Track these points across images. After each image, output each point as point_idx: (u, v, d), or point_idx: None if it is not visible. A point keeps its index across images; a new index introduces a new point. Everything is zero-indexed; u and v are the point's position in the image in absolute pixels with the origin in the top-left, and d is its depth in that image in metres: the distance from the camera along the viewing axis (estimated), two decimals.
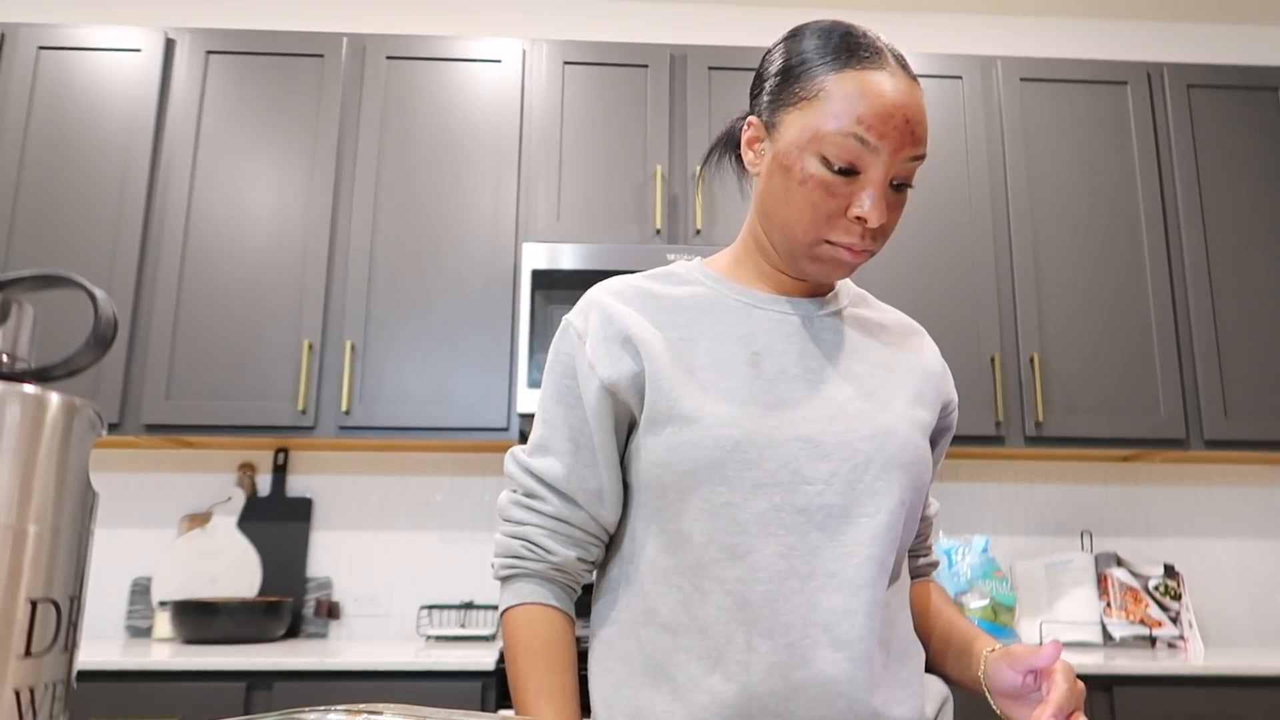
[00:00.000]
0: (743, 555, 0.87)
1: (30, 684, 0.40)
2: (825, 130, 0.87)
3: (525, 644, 0.93)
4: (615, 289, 0.99)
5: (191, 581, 2.60)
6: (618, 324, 0.95)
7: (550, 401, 0.98)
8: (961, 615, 1.02)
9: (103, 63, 2.59)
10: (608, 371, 0.94)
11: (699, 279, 1.00)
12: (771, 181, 0.93)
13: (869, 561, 0.88)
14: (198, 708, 2.01)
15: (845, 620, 0.86)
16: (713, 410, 0.89)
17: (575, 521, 0.96)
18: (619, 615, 0.95)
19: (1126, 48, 3.26)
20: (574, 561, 0.96)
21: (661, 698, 0.88)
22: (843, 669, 0.85)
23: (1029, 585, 2.65)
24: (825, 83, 0.89)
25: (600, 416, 0.94)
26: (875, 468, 0.90)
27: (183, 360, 2.43)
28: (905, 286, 2.60)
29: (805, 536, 0.88)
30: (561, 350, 0.98)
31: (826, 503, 0.88)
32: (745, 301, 0.98)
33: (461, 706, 2.05)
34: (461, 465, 2.77)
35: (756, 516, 0.88)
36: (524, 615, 0.95)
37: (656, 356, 0.93)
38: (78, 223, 2.49)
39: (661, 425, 0.91)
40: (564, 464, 0.96)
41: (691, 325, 0.96)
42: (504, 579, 0.97)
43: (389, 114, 2.62)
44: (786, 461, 0.88)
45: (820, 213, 0.89)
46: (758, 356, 0.93)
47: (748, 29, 3.19)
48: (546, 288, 2.45)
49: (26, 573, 0.40)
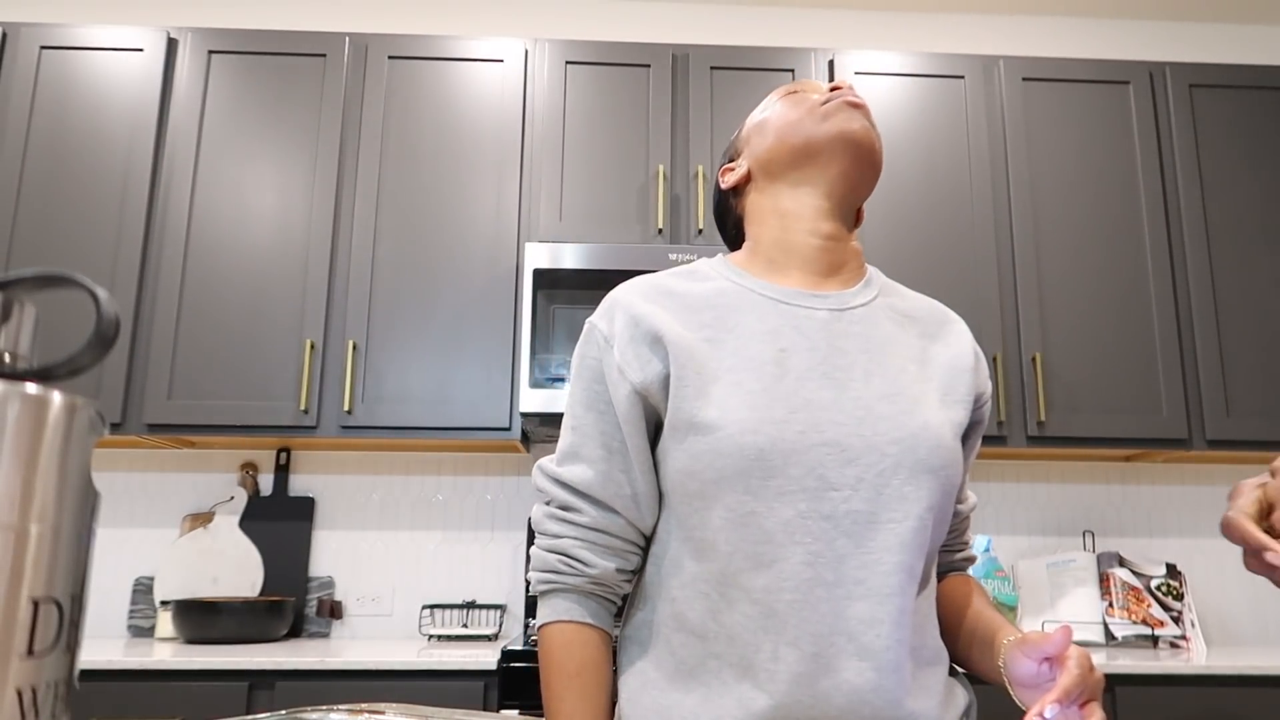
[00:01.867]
0: (769, 564, 0.86)
1: (32, 683, 0.40)
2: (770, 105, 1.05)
3: (560, 665, 0.92)
4: (639, 289, 0.98)
5: (193, 581, 2.60)
6: (645, 324, 0.94)
7: (580, 408, 0.96)
8: (992, 608, 0.99)
9: (105, 62, 2.60)
10: (638, 375, 0.92)
11: (723, 274, 0.99)
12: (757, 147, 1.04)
13: (897, 569, 0.86)
14: (200, 707, 2.01)
15: (872, 629, 0.84)
16: (736, 417, 0.88)
17: (613, 530, 0.94)
18: (650, 616, 0.94)
19: (1129, 47, 3.26)
20: (612, 573, 0.94)
21: (691, 701, 0.87)
22: (869, 678, 0.84)
23: (1031, 585, 2.65)
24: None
25: (632, 421, 0.93)
26: (904, 472, 0.88)
27: (185, 360, 2.43)
28: (907, 286, 2.60)
29: (832, 544, 0.86)
30: (588, 355, 0.97)
31: (853, 509, 0.86)
32: (771, 296, 0.96)
33: (464, 706, 2.05)
34: (464, 465, 2.77)
35: (782, 525, 0.86)
36: (560, 634, 0.93)
37: (684, 360, 0.91)
38: (80, 222, 2.49)
39: (684, 433, 0.90)
40: (597, 470, 0.94)
41: (718, 324, 0.94)
42: (542, 594, 0.96)
43: (391, 114, 2.62)
44: (812, 468, 0.87)
45: (803, 105, 1.01)
46: (784, 354, 0.91)
47: (750, 29, 3.19)
48: (549, 287, 2.45)
49: (28, 572, 0.40)
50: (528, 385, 2.39)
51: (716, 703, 0.86)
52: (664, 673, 0.90)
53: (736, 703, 0.85)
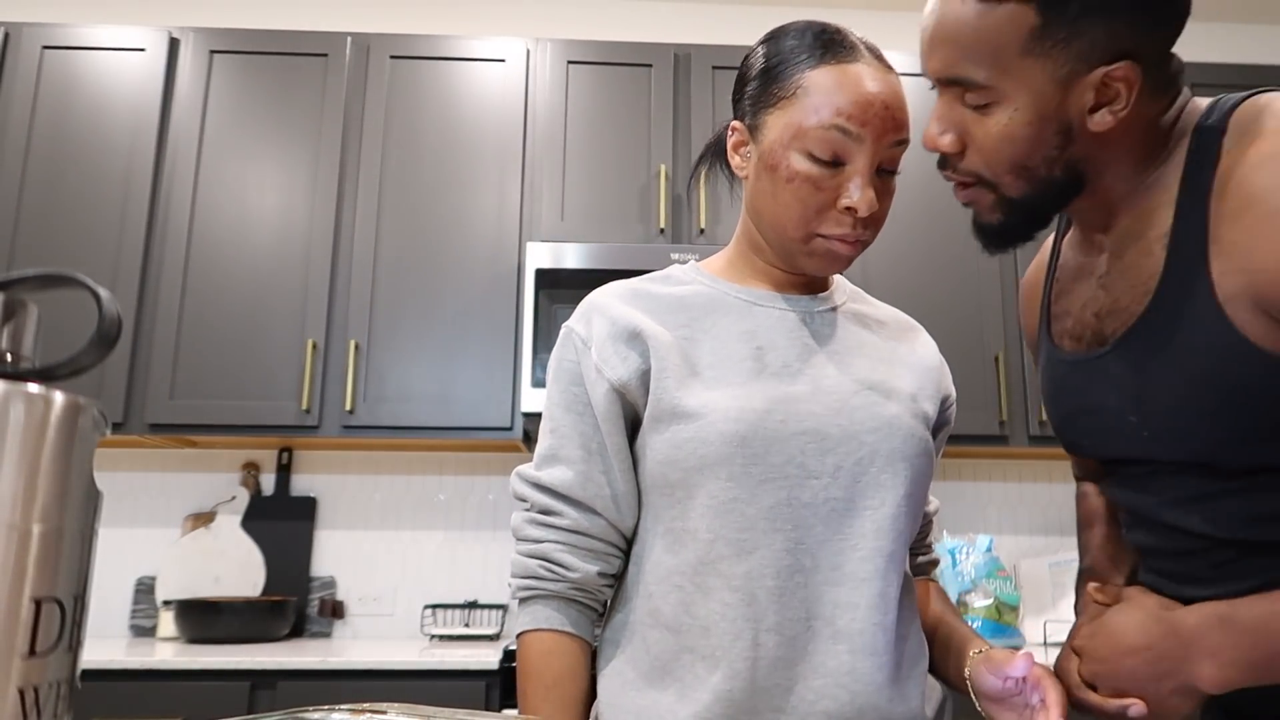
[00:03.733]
0: (750, 551, 0.87)
1: (34, 683, 0.40)
2: (807, 125, 0.89)
3: (537, 675, 0.91)
4: (615, 291, 0.99)
5: (195, 581, 2.60)
6: (623, 322, 0.95)
7: (558, 410, 0.96)
8: (957, 615, 1.02)
9: (107, 62, 2.60)
10: (617, 371, 0.93)
11: (696, 279, 1.01)
12: (759, 182, 0.94)
13: (875, 554, 0.88)
14: (201, 707, 2.02)
15: (847, 613, 0.87)
16: (718, 406, 0.89)
17: (594, 532, 0.94)
18: (626, 617, 0.94)
19: None
20: (594, 577, 0.94)
21: (667, 698, 0.88)
22: (843, 661, 0.85)
23: (1033, 584, 2.65)
24: (803, 80, 0.90)
25: (611, 419, 0.94)
26: (880, 460, 0.90)
27: (187, 359, 2.44)
28: (909, 286, 2.60)
29: (811, 530, 0.88)
30: (565, 358, 0.97)
31: (831, 496, 0.89)
32: (744, 299, 0.98)
33: (465, 706, 2.05)
34: (465, 464, 2.77)
35: (763, 512, 0.88)
36: (539, 643, 0.92)
37: (663, 353, 0.93)
38: (82, 222, 2.49)
39: (666, 422, 0.91)
40: (576, 471, 0.94)
41: (694, 323, 0.96)
42: (521, 600, 0.95)
43: (393, 113, 2.62)
44: (793, 456, 0.88)
45: (809, 207, 0.90)
46: (761, 351, 0.93)
47: (752, 28, 3.19)
48: (551, 287, 2.45)
49: (31, 572, 0.40)
50: (529, 385, 2.39)
51: (693, 697, 0.87)
52: (640, 671, 0.91)
53: (714, 696, 0.86)
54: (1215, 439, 0.78)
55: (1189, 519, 0.83)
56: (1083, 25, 0.76)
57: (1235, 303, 0.74)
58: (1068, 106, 0.79)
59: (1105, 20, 0.76)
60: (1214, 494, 0.81)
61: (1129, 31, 0.76)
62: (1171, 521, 0.85)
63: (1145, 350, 0.81)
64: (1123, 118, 0.79)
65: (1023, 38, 0.78)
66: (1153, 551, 0.89)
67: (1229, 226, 0.74)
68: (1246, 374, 0.74)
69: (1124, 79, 0.77)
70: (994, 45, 0.79)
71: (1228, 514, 0.81)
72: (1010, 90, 0.79)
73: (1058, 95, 0.79)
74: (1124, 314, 0.83)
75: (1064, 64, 0.77)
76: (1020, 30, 0.77)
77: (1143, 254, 0.82)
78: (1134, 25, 0.76)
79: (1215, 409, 0.77)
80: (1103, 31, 0.76)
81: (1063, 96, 0.79)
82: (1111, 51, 0.77)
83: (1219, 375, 0.76)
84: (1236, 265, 0.73)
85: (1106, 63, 0.77)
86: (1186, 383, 0.78)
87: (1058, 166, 0.82)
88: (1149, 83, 0.79)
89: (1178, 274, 0.78)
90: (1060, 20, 0.76)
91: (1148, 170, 0.83)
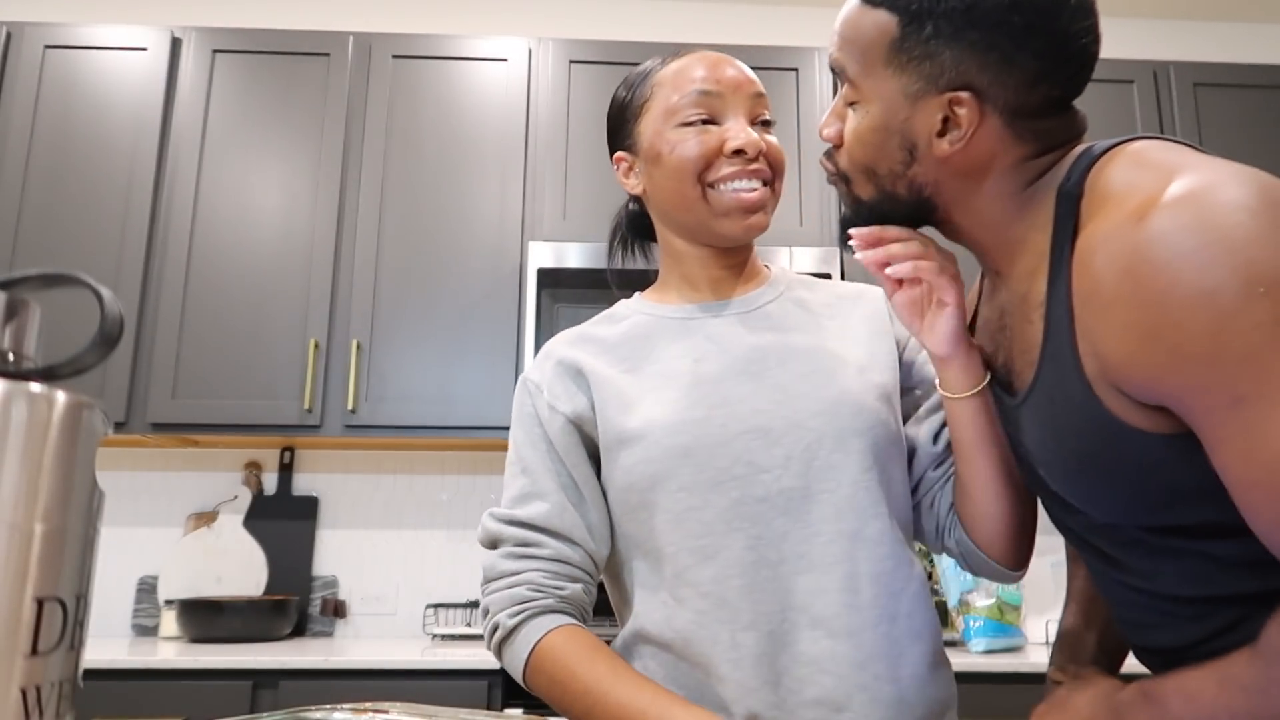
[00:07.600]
0: (713, 555, 0.89)
1: (36, 682, 0.40)
2: (673, 103, 0.97)
3: (574, 660, 0.87)
4: (565, 339, 1.04)
5: (197, 580, 2.60)
6: (568, 362, 0.99)
7: (525, 450, 0.98)
8: None
9: (109, 62, 2.60)
10: (568, 406, 0.97)
11: (636, 311, 1.04)
12: (653, 178, 1.00)
13: (838, 537, 0.89)
14: (203, 706, 2.02)
15: (819, 599, 0.87)
16: (658, 422, 0.92)
17: (574, 561, 0.94)
18: (623, 641, 0.96)
19: (1132, 46, 3.25)
20: (580, 594, 0.94)
21: None
22: (823, 646, 0.86)
23: (1035, 584, 2.65)
24: (656, 79, 1.01)
25: (573, 450, 0.96)
26: (829, 442, 0.91)
27: (189, 359, 2.44)
28: None
29: (770, 524, 0.89)
30: (524, 404, 1.01)
31: (785, 487, 0.89)
32: (680, 318, 1.01)
33: (467, 705, 2.05)
34: (467, 464, 2.78)
35: (720, 515, 0.89)
36: (558, 639, 0.89)
37: (603, 386, 0.96)
38: (84, 221, 2.49)
39: (615, 450, 0.94)
40: (552, 503, 0.95)
41: (635, 356, 0.99)
42: (513, 629, 0.91)
43: (395, 113, 2.62)
44: (739, 455, 0.90)
45: (698, 157, 0.95)
46: (698, 364, 0.96)
47: (753, 28, 3.19)
48: (552, 286, 2.45)
49: (33, 571, 0.40)
50: None
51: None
52: None
53: (710, 705, 0.87)
54: (1114, 506, 0.77)
55: (1119, 572, 0.82)
56: (934, 47, 0.77)
57: (1099, 383, 0.72)
58: (914, 124, 0.79)
59: (953, 48, 0.76)
60: (1136, 548, 0.79)
61: (976, 65, 0.76)
62: (1103, 570, 0.84)
63: (1038, 421, 0.79)
64: (965, 150, 0.78)
65: (885, 46, 0.80)
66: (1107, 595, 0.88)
67: (1082, 308, 0.71)
68: (1124, 450, 0.72)
69: (966, 110, 0.77)
70: (863, 46, 0.81)
71: (1153, 570, 0.79)
72: (869, 93, 0.81)
73: (905, 109, 0.79)
74: (1021, 377, 0.82)
75: (914, 81, 0.78)
76: (884, 38, 0.80)
77: (1026, 320, 0.80)
78: (983, 61, 0.76)
79: (1106, 480, 0.75)
80: (950, 58, 0.77)
81: (910, 112, 0.79)
82: (957, 81, 0.77)
83: (1099, 453, 0.74)
84: (1092, 349, 0.71)
85: (953, 90, 0.77)
86: (1074, 455, 0.76)
87: (901, 183, 0.82)
88: (1007, 126, 0.78)
89: (1052, 350, 0.75)
90: (916, 37, 0.78)
91: (1013, 224, 0.80)
